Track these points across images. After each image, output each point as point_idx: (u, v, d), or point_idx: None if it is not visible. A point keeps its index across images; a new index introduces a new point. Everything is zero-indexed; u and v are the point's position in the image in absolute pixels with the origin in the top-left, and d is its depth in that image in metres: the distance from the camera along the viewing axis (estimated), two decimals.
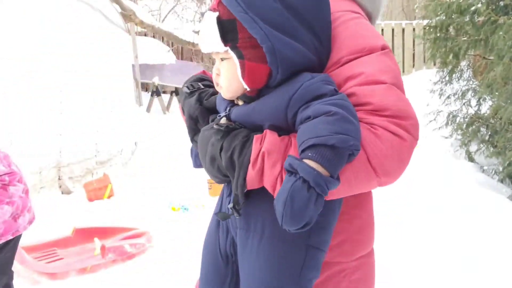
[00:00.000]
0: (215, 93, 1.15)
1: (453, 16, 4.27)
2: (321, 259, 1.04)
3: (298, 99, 0.95)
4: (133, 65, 7.56)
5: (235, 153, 0.98)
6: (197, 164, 1.20)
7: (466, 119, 4.81)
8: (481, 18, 3.96)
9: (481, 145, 4.60)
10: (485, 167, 4.53)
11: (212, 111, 1.14)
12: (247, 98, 1.03)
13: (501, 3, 3.78)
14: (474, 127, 4.66)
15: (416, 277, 2.75)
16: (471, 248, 3.00)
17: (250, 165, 0.97)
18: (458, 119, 4.90)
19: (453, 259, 2.89)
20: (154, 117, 7.90)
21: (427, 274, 2.76)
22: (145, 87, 10.37)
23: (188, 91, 1.19)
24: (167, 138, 7.02)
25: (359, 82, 0.97)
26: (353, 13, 1.08)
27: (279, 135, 0.98)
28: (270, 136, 0.97)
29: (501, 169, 4.24)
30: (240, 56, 0.99)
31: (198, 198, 5.12)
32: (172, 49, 9.85)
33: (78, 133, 5.42)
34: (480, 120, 4.62)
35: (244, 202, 1.01)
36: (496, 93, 3.83)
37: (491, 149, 4.38)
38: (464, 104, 4.97)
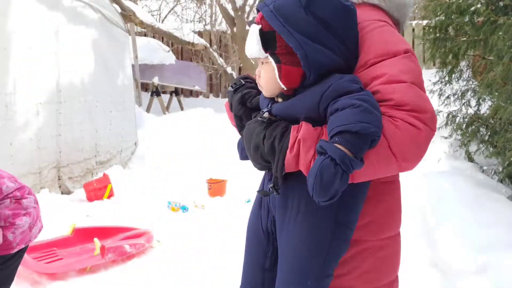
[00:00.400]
0: (258, 94, 1.32)
1: (452, 17, 4.26)
2: (348, 235, 1.21)
3: (328, 95, 1.13)
4: (133, 65, 7.57)
5: (276, 141, 1.16)
6: (243, 156, 1.37)
7: (466, 119, 4.81)
8: (481, 19, 3.96)
9: (481, 145, 4.60)
10: (485, 167, 4.53)
11: (255, 110, 1.32)
12: (285, 96, 1.22)
13: (501, 4, 3.77)
14: (473, 127, 4.65)
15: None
16: (470, 249, 3.00)
17: (288, 150, 1.15)
18: (457, 119, 4.90)
19: (454, 259, 2.90)
20: (153, 117, 7.91)
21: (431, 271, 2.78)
22: (145, 87, 10.37)
23: (232, 89, 1.35)
24: (167, 138, 7.02)
25: (383, 81, 1.13)
26: (380, 21, 1.24)
27: (313, 126, 1.16)
28: (305, 126, 1.15)
29: (500, 169, 4.24)
30: (277, 61, 1.18)
31: (198, 198, 5.13)
32: (172, 49, 9.85)
33: (78, 133, 5.42)
34: (479, 120, 4.62)
35: (283, 183, 1.19)
36: (496, 93, 3.82)
37: (491, 149, 4.38)
38: (463, 104, 4.96)
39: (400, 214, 1.36)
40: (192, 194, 5.21)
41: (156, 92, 9.49)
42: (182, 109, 9.81)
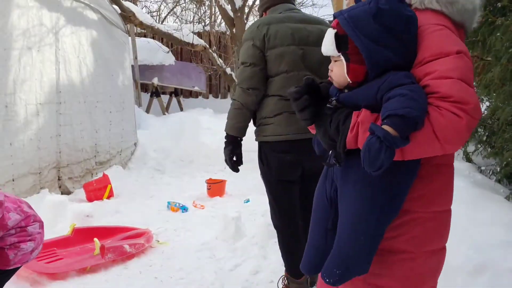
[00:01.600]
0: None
1: None
2: (398, 205, 1.46)
3: (384, 88, 1.37)
4: (132, 66, 7.58)
5: (340, 123, 1.44)
6: (319, 150, 1.65)
7: None
8: (479, 20, 3.96)
9: (479, 146, 4.61)
10: (483, 168, 4.55)
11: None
12: (350, 88, 1.49)
13: (499, 5, 3.79)
14: None
15: None
16: (469, 249, 3.01)
17: (349, 131, 1.40)
18: None
19: (452, 259, 2.91)
20: (153, 117, 7.92)
21: None
22: (144, 88, 10.38)
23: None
24: (167, 138, 7.04)
25: (433, 76, 1.34)
26: (439, 25, 1.46)
27: (372, 113, 1.39)
28: (364, 112, 1.40)
29: (498, 169, 4.26)
30: (347, 60, 1.45)
31: (198, 198, 5.14)
32: (172, 50, 9.86)
33: (78, 133, 5.43)
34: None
35: (344, 158, 1.45)
36: (494, 94, 3.84)
37: (489, 149, 4.40)
38: None
39: (450, 194, 1.58)
40: (192, 194, 5.22)
41: (156, 92, 9.51)
42: (181, 109, 9.83)
